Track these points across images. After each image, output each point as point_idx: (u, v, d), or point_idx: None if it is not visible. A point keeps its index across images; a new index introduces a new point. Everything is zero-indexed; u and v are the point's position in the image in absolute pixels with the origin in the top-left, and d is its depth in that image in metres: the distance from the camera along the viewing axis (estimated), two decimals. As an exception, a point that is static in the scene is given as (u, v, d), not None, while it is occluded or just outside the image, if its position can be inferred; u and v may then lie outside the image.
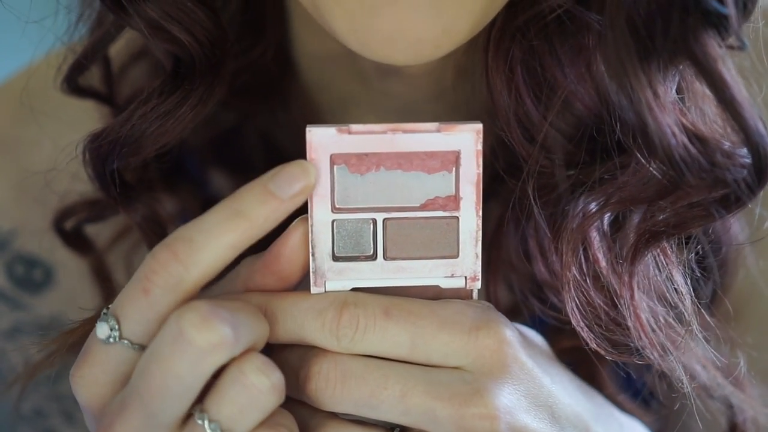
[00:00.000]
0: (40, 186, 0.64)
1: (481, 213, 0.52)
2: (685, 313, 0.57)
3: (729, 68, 0.52)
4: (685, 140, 0.51)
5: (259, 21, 0.64)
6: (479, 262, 0.53)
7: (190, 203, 0.66)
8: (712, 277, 0.64)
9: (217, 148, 0.67)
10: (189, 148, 0.66)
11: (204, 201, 0.66)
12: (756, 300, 0.67)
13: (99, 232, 0.68)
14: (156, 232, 0.64)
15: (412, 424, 0.51)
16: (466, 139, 0.52)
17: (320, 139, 0.51)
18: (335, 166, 0.51)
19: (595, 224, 0.56)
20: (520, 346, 0.52)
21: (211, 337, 0.47)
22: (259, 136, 0.67)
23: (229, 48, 0.59)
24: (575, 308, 0.56)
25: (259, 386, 0.48)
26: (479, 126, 0.51)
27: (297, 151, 0.52)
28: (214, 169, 0.68)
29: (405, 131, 0.51)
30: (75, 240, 0.67)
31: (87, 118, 0.65)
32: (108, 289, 0.67)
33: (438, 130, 0.51)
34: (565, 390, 0.54)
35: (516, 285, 0.64)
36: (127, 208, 0.63)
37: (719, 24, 0.50)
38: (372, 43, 0.52)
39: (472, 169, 0.52)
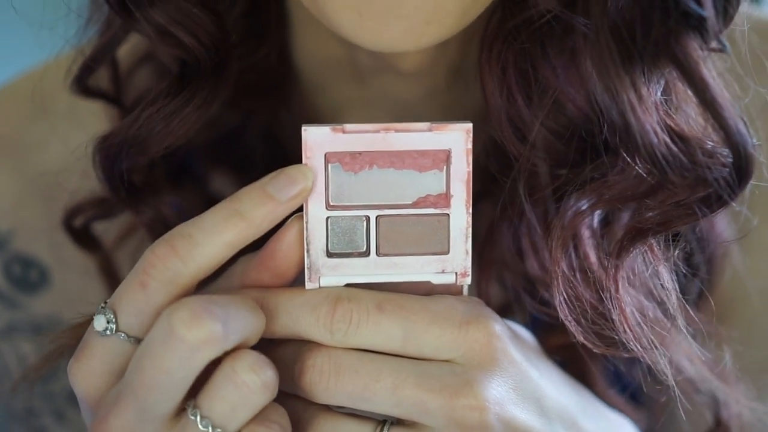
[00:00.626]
0: (44, 186, 0.66)
1: (471, 210, 0.53)
2: (671, 308, 0.59)
3: (710, 70, 0.53)
4: (667, 140, 0.53)
5: (262, 24, 0.65)
6: (469, 259, 0.54)
7: (192, 202, 0.67)
8: (699, 274, 0.65)
9: (220, 148, 0.68)
10: (192, 147, 0.68)
11: (206, 199, 0.67)
12: (741, 298, 0.68)
13: (106, 230, 0.69)
14: (163, 232, 0.65)
15: (404, 415, 0.52)
16: (457, 138, 0.53)
17: (315, 138, 0.53)
18: (330, 165, 0.53)
19: (586, 221, 0.58)
20: (509, 340, 0.54)
21: (200, 334, 0.48)
22: (261, 136, 0.68)
23: (233, 51, 0.60)
24: (563, 302, 0.58)
25: (251, 384, 0.50)
26: (469, 125, 0.53)
27: (298, 150, 0.53)
28: (217, 167, 0.69)
29: (397, 130, 0.53)
30: (83, 238, 0.68)
31: (95, 118, 0.67)
32: (114, 286, 0.69)
33: (429, 130, 0.53)
34: (553, 384, 0.56)
35: (509, 282, 0.65)
36: (136, 210, 0.64)
37: (700, 27, 0.51)
38: (364, 24, 0.53)
39: (462, 167, 0.53)
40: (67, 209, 0.67)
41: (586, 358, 0.63)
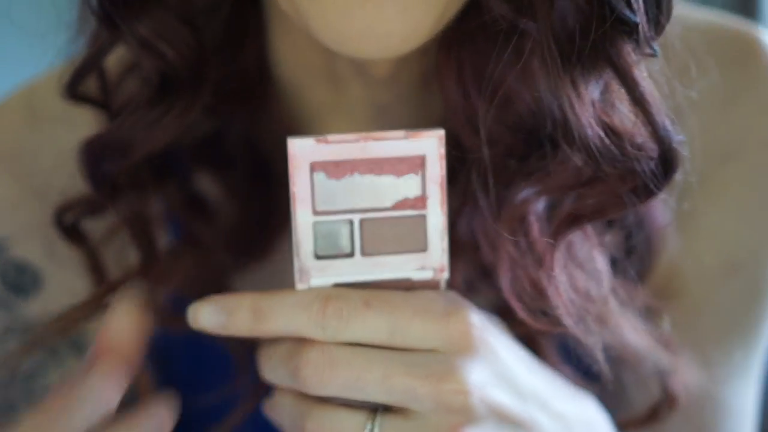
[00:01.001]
0: (39, 192, 0.70)
1: (446, 210, 0.58)
2: (604, 287, 0.65)
3: (642, 71, 0.58)
4: (601, 133, 0.58)
5: (242, 32, 0.69)
6: (446, 255, 0.58)
7: (176, 199, 0.71)
8: (638, 253, 0.70)
9: (202, 149, 0.71)
10: (176, 149, 0.71)
11: (189, 198, 0.71)
12: (680, 276, 0.73)
13: (94, 228, 0.72)
14: (143, 230, 0.70)
15: (394, 402, 0.57)
16: (430, 145, 0.57)
17: (300, 149, 0.56)
18: (315, 173, 0.57)
19: (531, 208, 0.63)
20: (485, 328, 0.58)
21: None
22: (241, 139, 0.72)
23: (211, 62, 0.64)
24: (508, 282, 0.63)
25: None
26: (442, 132, 0.57)
27: (277, 153, 0.57)
28: (200, 168, 0.72)
29: (376, 139, 0.57)
30: (72, 234, 0.71)
31: (89, 124, 0.70)
32: (100, 283, 0.72)
33: (405, 137, 0.57)
34: (525, 367, 0.61)
35: (470, 269, 0.70)
36: (117, 208, 0.68)
37: (633, 33, 0.57)
38: (346, 40, 0.58)
39: (436, 171, 0.57)
40: (58, 206, 0.70)
41: (538, 335, 0.68)
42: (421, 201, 0.58)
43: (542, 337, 0.69)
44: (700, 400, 0.72)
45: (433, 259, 0.58)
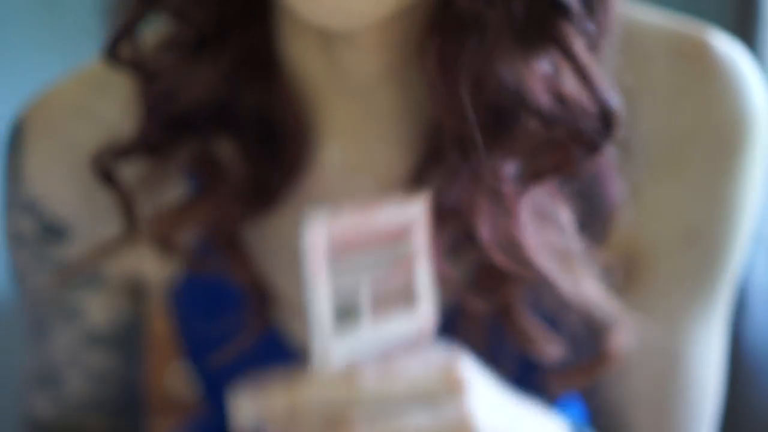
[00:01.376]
0: (81, 155, 0.81)
1: (431, 269, 0.66)
2: (568, 237, 0.76)
3: (581, 46, 0.70)
4: (552, 101, 0.70)
5: (253, 11, 0.78)
6: (433, 305, 0.66)
7: (195, 158, 0.81)
8: (596, 217, 0.80)
9: (218, 114, 0.79)
10: (195, 112, 0.79)
11: (206, 156, 0.81)
12: (636, 245, 0.82)
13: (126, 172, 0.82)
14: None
15: None
16: (416, 210, 0.64)
17: (316, 234, 0.61)
18: (327, 251, 0.62)
19: (504, 169, 0.74)
20: (477, 372, 0.65)
21: None
22: (252, 105, 0.79)
23: (232, 27, 0.75)
24: (488, 235, 0.75)
25: None
26: (424, 198, 0.64)
27: (283, 118, 0.73)
28: (215, 131, 0.80)
29: (373, 209, 0.63)
30: (107, 178, 0.81)
31: (122, 92, 0.80)
32: (132, 222, 0.82)
33: (396, 205, 0.64)
34: (510, 400, 0.69)
35: (453, 233, 0.78)
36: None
37: (567, 14, 0.68)
38: (317, 15, 0.69)
39: (421, 232, 0.65)
40: (95, 154, 0.80)
41: (511, 286, 0.78)
42: (409, 260, 0.66)
43: (514, 286, 0.78)
44: (659, 357, 0.82)
45: (423, 310, 0.66)
